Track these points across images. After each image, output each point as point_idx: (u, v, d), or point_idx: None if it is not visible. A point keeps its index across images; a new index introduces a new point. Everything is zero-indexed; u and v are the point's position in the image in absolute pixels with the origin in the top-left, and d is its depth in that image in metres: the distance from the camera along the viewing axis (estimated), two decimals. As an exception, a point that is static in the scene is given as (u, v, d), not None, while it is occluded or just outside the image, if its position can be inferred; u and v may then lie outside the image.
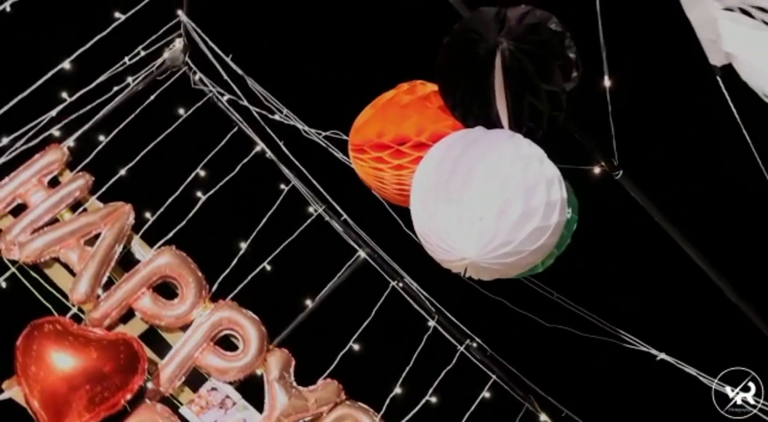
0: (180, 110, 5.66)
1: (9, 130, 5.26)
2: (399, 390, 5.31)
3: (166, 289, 5.21)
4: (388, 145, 3.51)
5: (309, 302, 5.54)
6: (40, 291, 5.08)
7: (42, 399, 4.63)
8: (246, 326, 5.15)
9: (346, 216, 5.62)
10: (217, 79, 5.58)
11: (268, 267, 5.43)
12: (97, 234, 5.15)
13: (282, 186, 5.70)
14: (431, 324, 5.57)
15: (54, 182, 5.29)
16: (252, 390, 5.16)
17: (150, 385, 5.00)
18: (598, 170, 3.58)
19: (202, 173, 5.56)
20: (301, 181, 5.68)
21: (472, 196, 2.91)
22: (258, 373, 5.16)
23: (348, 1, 5.51)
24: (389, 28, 5.50)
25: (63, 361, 4.67)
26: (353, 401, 5.22)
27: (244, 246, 5.44)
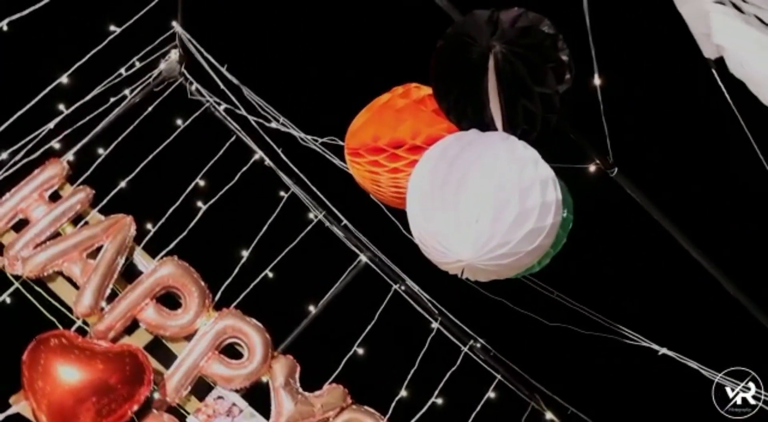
0: (178, 121, 5.69)
1: (7, 144, 5.28)
2: (404, 392, 5.33)
3: (169, 299, 5.23)
4: (383, 149, 3.54)
5: (312, 308, 5.56)
6: (44, 306, 5.10)
7: (50, 413, 4.65)
8: (250, 334, 5.17)
9: (346, 221, 5.65)
10: (213, 89, 5.62)
11: (270, 275, 5.46)
12: (99, 246, 5.17)
13: (281, 193, 5.73)
14: (434, 325, 5.60)
15: (55, 196, 5.31)
16: (258, 397, 5.17)
17: (156, 395, 5.02)
18: (593, 168, 3.60)
19: (201, 183, 5.59)
20: (301, 188, 5.70)
21: (467, 198, 2.94)
22: (263, 380, 5.17)
23: (340, 8, 5.53)
24: (382, 32, 5.53)
25: (69, 375, 4.68)
26: (359, 405, 5.23)
27: (245, 254, 5.47)
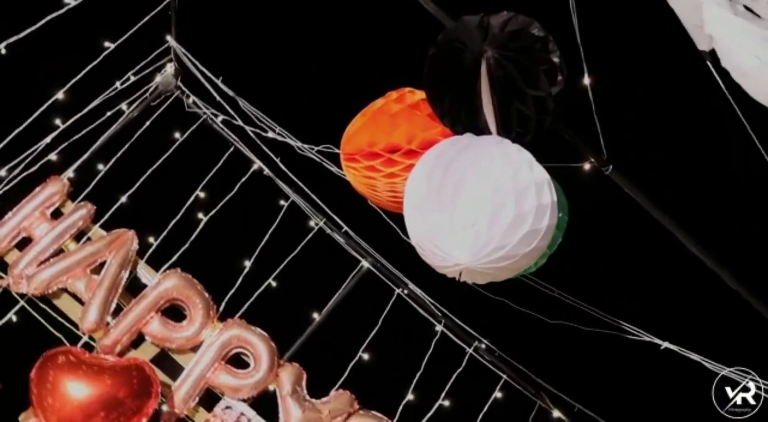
0: (176, 134, 5.73)
1: (5, 161, 5.31)
2: (411, 396, 5.35)
3: (174, 312, 5.25)
4: (379, 154, 3.57)
5: (316, 315, 5.58)
6: (50, 322, 5.13)
7: (59, 429, 4.68)
8: (256, 343, 5.19)
9: (346, 228, 5.67)
10: (209, 102, 5.66)
11: (273, 284, 5.48)
12: (103, 262, 5.20)
13: (281, 202, 5.76)
14: (438, 328, 5.61)
15: (57, 213, 5.35)
16: (266, 405, 5.19)
17: (165, 408, 5.04)
18: (588, 166, 3.62)
19: (201, 195, 5.63)
20: (300, 196, 5.73)
21: (464, 202, 2.96)
22: (271, 389, 5.19)
23: (330, 16, 5.57)
24: (373, 37, 5.57)
25: (78, 390, 4.70)
26: (366, 410, 5.24)
27: (248, 264, 5.50)
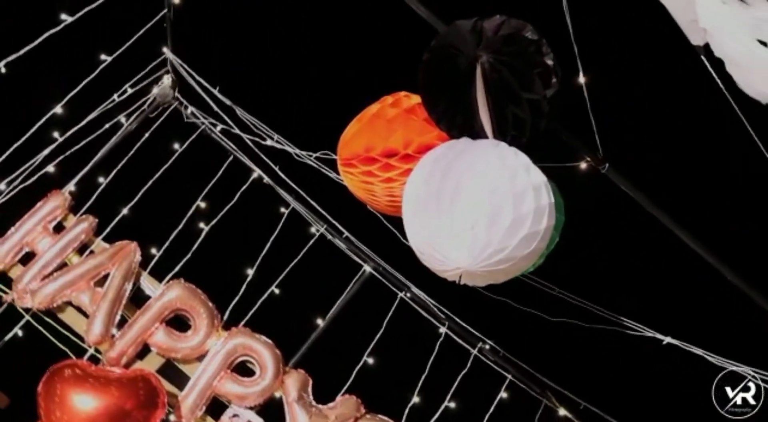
0: (175, 144, 5.75)
1: (4, 174, 5.34)
2: (417, 398, 5.36)
3: (179, 322, 5.28)
4: (376, 159, 3.59)
5: (320, 321, 5.60)
6: (55, 336, 5.15)
7: (68, 442, 4.70)
8: (261, 351, 5.21)
9: (347, 233, 5.69)
10: (207, 112, 5.68)
11: (276, 291, 5.50)
12: (106, 274, 5.23)
13: (282, 209, 5.78)
14: (442, 330, 5.63)
15: (59, 227, 5.37)
16: (273, 413, 5.21)
17: (172, 418, 5.08)
18: (584, 166, 3.63)
19: (202, 204, 5.65)
20: (300, 203, 5.75)
21: (462, 206, 2.98)
22: (277, 396, 5.22)
23: (323, 23, 5.59)
24: (366, 42, 5.59)
25: (85, 403, 4.73)
26: (373, 414, 5.27)
27: (250, 272, 5.52)
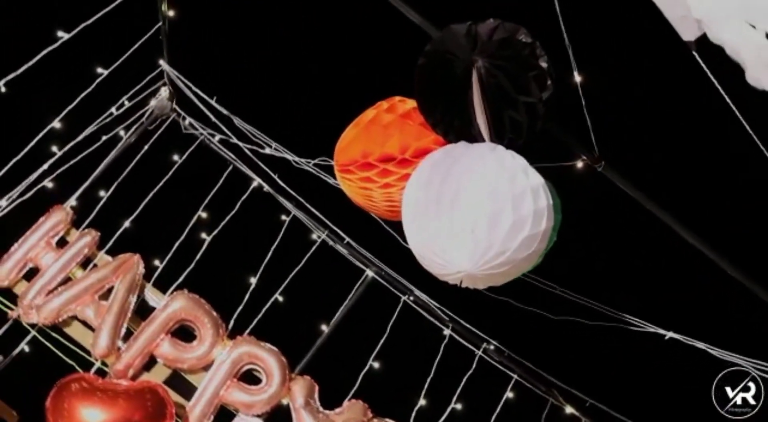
0: (174, 156, 5.78)
1: (4, 190, 5.36)
2: (423, 401, 5.39)
3: (184, 332, 5.30)
4: (374, 165, 3.61)
5: (324, 327, 5.63)
6: (62, 351, 5.18)
7: (78, 456, 4.72)
8: (266, 358, 5.23)
9: (348, 239, 5.71)
10: (205, 122, 5.71)
11: (280, 299, 5.53)
12: (110, 287, 5.25)
13: (283, 217, 5.80)
14: (446, 332, 5.65)
15: (62, 242, 5.40)
16: (280, 420, 5.23)
17: (181, 428, 5.09)
18: (580, 164, 3.65)
19: (203, 215, 5.68)
20: (301, 210, 5.78)
21: (462, 210, 3.01)
22: (284, 403, 5.23)
23: (316, 30, 5.62)
24: (360, 49, 5.62)
25: (93, 416, 4.75)
26: (380, 418, 5.28)
27: (254, 280, 5.55)
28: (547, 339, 5.59)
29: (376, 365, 5.44)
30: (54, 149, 5.46)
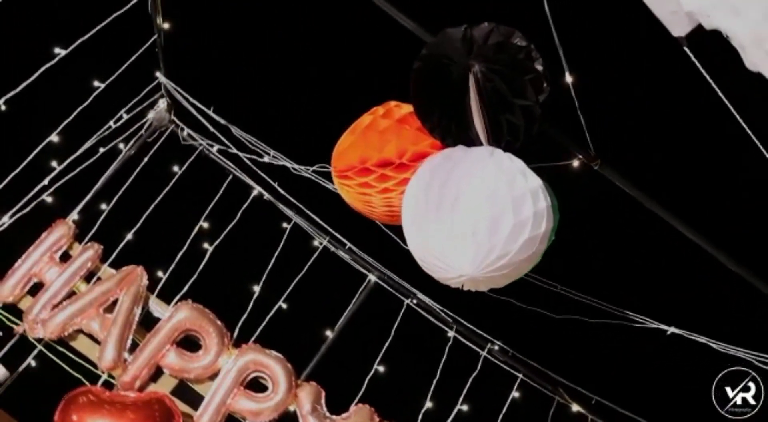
0: (174, 167, 5.81)
1: (4, 206, 5.39)
2: (429, 403, 5.40)
3: (189, 342, 5.31)
4: (372, 170, 3.62)
5: (329, 332, 5.64)
6: (68, 364, 5.19)
7: (88, 469, 4.74)
8: (272, 366, 5.24)
9: (350, 244, 5.73)
10: (203, 133, 5.73)
11: (284, 306, 5.55)
12: (115, 300, 5.27)
13: (284, 224, 5.83)
14: (451, 334, 5.66)
15: (65, 256, 5.41)
16: (288, 427, 5.25)
17: (189, 438, 5.11)
18: (577, 163, 3.67)
19: (205, 225, 5.70)
20: (301, 217, 5.80)
21: (463, 213, 3.03)
22: (291, 410, 5.25)
23: (311, 35, 5.65)
24: (355, 54, 5.64)
25: (103, 429, 4.77)
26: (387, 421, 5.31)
27: (257, 288, 5.57)
28: (550, 338, 5.60)
29: (381, 369, 5.45)
30: (54, 164, 5.49)
